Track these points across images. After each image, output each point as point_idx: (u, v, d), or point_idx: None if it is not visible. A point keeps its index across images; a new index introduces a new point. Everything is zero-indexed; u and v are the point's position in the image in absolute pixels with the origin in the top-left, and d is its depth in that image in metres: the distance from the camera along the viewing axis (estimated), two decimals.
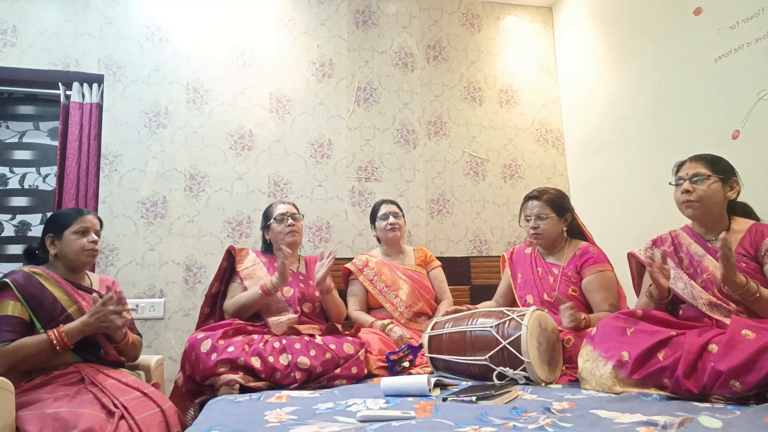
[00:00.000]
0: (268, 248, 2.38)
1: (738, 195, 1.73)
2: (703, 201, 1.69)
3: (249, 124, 2.94)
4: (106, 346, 1.76)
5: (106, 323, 1.64)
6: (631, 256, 1.93)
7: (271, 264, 2.30)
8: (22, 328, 1.61)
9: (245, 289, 2.21)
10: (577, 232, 2.18)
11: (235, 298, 2.18)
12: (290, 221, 2.31)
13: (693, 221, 1.80)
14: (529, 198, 2.15)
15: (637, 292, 1.96)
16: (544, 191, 2.13)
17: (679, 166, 1.81)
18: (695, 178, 1.71)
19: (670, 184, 1.81)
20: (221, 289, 2.28)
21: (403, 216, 2.62)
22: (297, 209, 2.40)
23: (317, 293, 2.28)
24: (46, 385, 1.53)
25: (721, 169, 1.72)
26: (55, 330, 1.59)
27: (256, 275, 2.24)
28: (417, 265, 2.57)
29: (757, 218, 1.78)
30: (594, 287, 1.98)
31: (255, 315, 2.20)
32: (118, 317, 1.66)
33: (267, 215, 2.38)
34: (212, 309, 2.28)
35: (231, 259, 2.30)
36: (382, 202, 2.62)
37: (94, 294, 1.71)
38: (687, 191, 1.70)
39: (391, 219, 2.52)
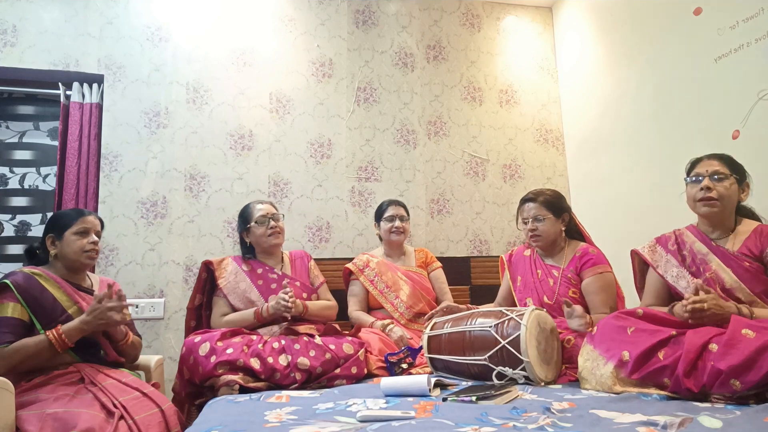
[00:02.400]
0: (248, 251, 2.31)
1: (747, 198, 1.73)
2: (723, 200, 1.68)
3: (249, 124, 2.94)
4: (105, 346, 1.76)
5: (104, 320, 1.62)
6: (634, 254, 1.93)
7: (253, 272, 2.23)
8: (22, 329, 1.61)
9: (230, 303, 2.15)
10: (575, 232, 2.18)
11: (227, 318, 2.12)
12: (272, 223, 2.25)
13: (703, 220, 1.77)
14: (525, 200, 2.14)
15: (639, 289, 1.95)
16: (540, 192, 2.13)
17: (695, 163, 1.78)
18: (716, 176, 1.69)
19: (685, 180, 1.78)
20: (204, 300, 2.23)
21: (409, 218, 2.61)
22: (276, 208, 2.34)
23: (305, 295, 2.23)
24: (45, 385, 1.53)
25: (737, 169, 1.72)
26: (53, 330, 1.59)
27: (239, 288, 2.16)
28: (418, 266, 2.57)
29: (760, 221, 1.79)
30: (593, 289, 1.97)
31: None
32: (116, 313, 1.64)
33: (245, 217, 2.29)
34: (198, 321, 2.24)
35: (209, 272, 2.22)
36: (390, 202, 2.59)
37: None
38: (708, 188, 1.68)
39: (397, 222, 2.50)
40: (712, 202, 1.68)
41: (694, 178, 1.74)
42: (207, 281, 2.24)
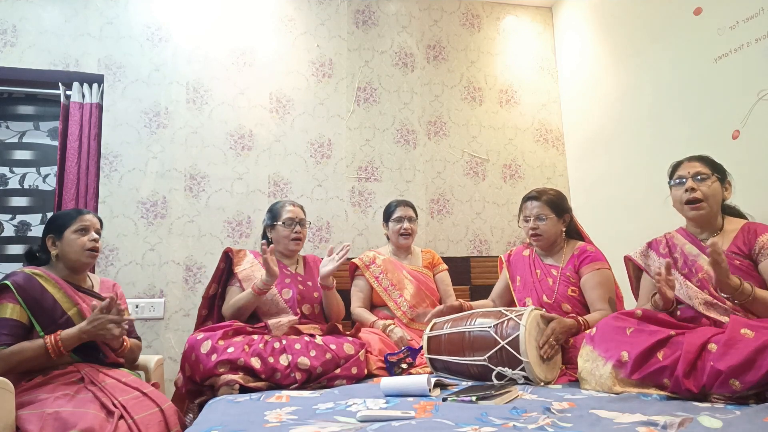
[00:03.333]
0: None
1: (731, 196, 1.76)
2: (709, 200, 1.70)
3: (249, 124, 2.95)
4: (104, 348, 1.75)
5: (103, 332, 1.62)
6: (627, 260, 1.94)
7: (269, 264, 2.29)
8: (21, 331, 1.61)
9: (243, 291, 2.18)
10: (574, 232, 2.18)
11: (232, 301, 2.15)
12: (297, 228, 2.29)
13: (691, 221, 1.79)
14: (527, 199, 2.14)
15: (636, 295, 1.96)
16: (543, 192, 2.13)
17: (676, 166, 1.81)
18: (698, 177, 1.71)
19: (669, 184, 1.81)
20: (219, 290, 2.25)
21: (417, 218, 2.59)
22: (304, 213, 2.37)
23: (316, 294, 2.26)
24: (46, 385, 1.53)
25: (718, 168, 1.75)
26: (52, 337, 1.58)
27: (254, 276, 2.20)
28: (424, 266, 2.56)
29: (746, 218, 1.80)
30: (591, 285, 1.98)
31: (254, 317, 2.18)
32: (116, 327, 1.63)
33: (274, 214, 2.32)
34: (210, 311, 2.26)
35: (228, 261, 2.26)
36: (399, 203, 2.56)
37: (95, 302, 1.71)
38: (692, 189, 1.70)
39: (405, 224, 2.49)
40: (700, 204, 1.70)
41: (677, 181, 1.77)
42: (224, 271, 2.26)
